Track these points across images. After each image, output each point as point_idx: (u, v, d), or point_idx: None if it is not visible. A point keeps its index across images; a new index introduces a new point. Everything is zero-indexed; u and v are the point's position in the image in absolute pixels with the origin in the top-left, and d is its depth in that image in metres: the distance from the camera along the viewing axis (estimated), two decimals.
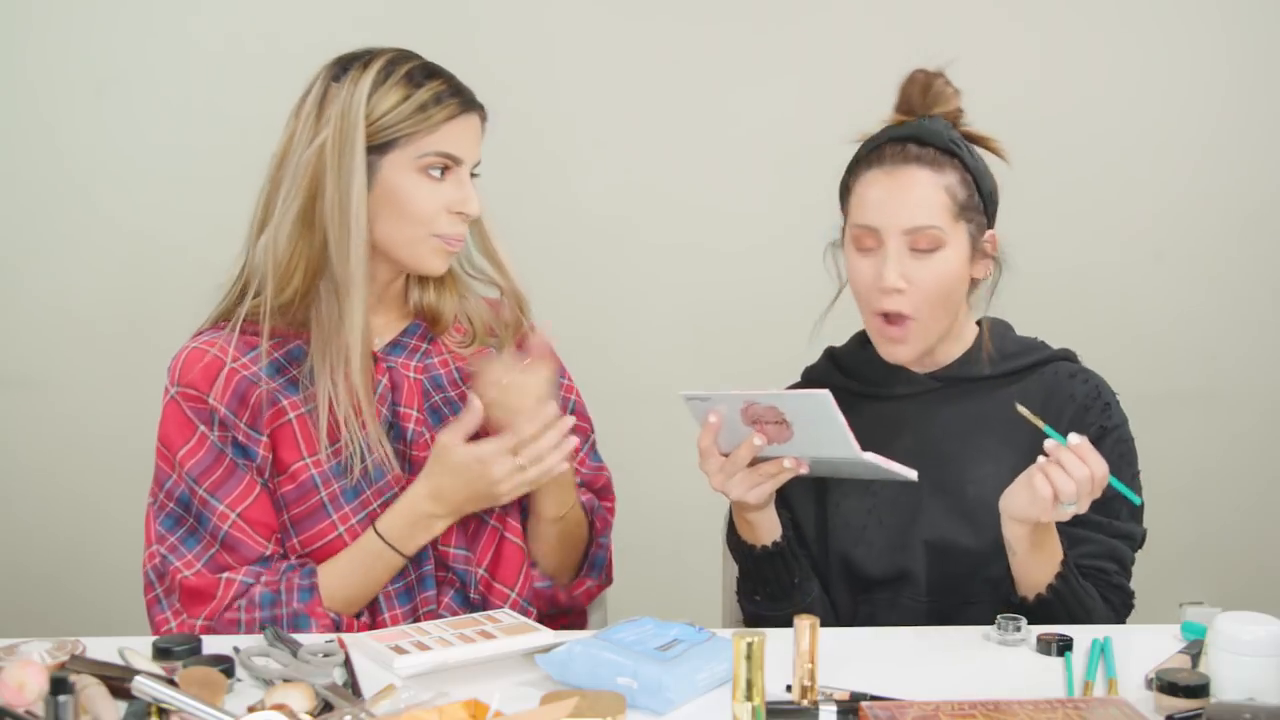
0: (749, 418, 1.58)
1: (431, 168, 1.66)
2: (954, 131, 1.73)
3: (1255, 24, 3.01)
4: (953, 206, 1.69)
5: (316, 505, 1.66)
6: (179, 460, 1.65)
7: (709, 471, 1.64)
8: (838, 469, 1.64)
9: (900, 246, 1.68)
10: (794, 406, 1.56)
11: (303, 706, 1.29)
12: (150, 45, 2.91)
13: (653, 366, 2.97)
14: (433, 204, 1.66)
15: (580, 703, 1.23)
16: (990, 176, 1.75)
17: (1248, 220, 3.05)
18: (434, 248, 1.68)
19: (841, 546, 1.78)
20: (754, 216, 2.97)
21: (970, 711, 1.28)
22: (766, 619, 1.72)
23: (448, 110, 1.66)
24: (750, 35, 2.95)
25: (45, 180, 2.94)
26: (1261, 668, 1.33)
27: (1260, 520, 3.10)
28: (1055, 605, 1.63)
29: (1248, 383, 3.08)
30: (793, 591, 1.72)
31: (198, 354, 1.68)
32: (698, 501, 1.88)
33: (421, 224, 1.66)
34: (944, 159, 1.70)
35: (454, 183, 1.67)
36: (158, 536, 1.66)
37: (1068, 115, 2.98)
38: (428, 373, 1.75)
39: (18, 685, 1.22)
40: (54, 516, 2.95)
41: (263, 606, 1.62)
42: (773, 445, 1.59)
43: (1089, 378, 1.77)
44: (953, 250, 1.69)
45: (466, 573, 1.71)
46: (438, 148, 1.65)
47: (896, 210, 1.68)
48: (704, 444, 1.63)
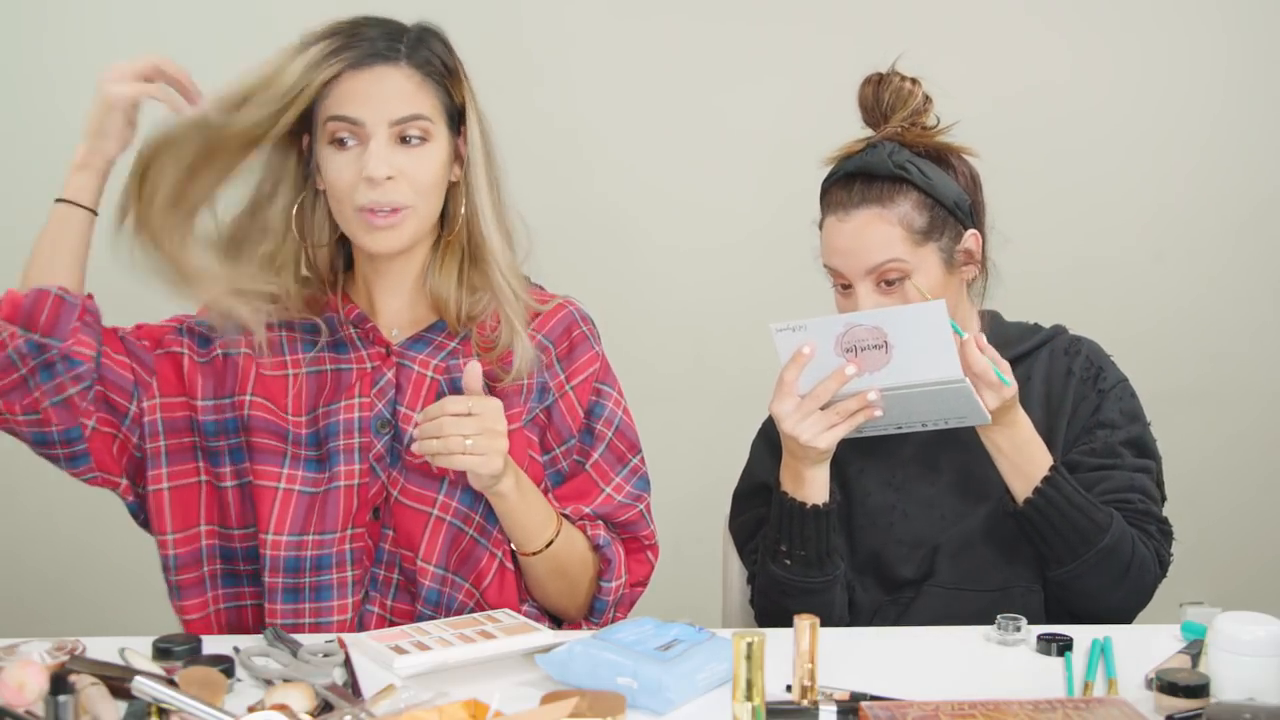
0: (844, 345, 1.57)
1: (335, 135, 1.57)
2: (901, 153, 1.72)
3: (1255, 24, 3.01)
4: (909, 235, 1.70)
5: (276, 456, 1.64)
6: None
7: (783, 412, 1.62)
8: (913, 410, 1.62)
9: (868, 286, 1.71)
10: (904, 322, 1.55)
11: (303, 706, 1.29)
12: (150, 45, 2.90)
13: (653, 365, 2.97)
14: (344, 177, 1.57)
15: (580, 703, 1.23)
16: (952, 184, 1.73)
17: (1247, 220, 3.05)
18: (361, 224, 1.59)
19: (870, 544, 1.78)
20: (755, 215, 2.97)
21: (970, 711, 1.28)
22: (788, 586, 1.70)
23: (328, 68, 1.54)
24: (750, 34, 2.96)
25: (45, 180, 2.93)
26: (1261, 668, 1.33)
27: (1260, 520, 3.10)
28: (1049, 510, 1.65)
29: (1247, 382, 3.09)
30: (825, 560, 1.70)
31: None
32: (698, 501, 1.88)
33: (344, 199, 1.58)
34: (892, 189, 1.70)
35: (360, 150, 1.57)
36: None
37: (1067, 115, 2.98)
38: (449, 373, 1.66)
39: (18, 685, 1.22)
40: (54, 516, 2.94)
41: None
42: (863, 377, 1.58)
43: (1080, 347, 1.80)
44: (922, 276, 1.70)
45: (439, 593, 1.63)
46: (332, 111, 1.56)
47: (856, 256, 1.71)
48: (787, 377, 1.61)
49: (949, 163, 1.76)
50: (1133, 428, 1.76)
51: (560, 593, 1.68)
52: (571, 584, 1.68)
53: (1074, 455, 1.74)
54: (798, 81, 2.95)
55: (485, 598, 1.65)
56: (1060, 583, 1.69)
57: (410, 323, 1.70)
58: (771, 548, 1.73)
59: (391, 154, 1.57)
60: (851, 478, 1.79)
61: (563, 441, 1.71)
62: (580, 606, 1.70)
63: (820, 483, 1.69)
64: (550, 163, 2.89)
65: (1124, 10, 2.99)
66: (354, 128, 1.57)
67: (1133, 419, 1.77)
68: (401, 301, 1.70)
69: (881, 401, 1.60)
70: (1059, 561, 1.67)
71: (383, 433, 1.65)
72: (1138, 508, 1.72)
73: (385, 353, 1.68)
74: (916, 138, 1.74)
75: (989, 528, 1.74)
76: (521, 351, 1.65)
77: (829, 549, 1.70)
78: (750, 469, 1.87)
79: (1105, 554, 1.66)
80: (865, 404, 1.60)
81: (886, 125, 1.74)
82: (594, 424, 1.72)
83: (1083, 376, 1.77)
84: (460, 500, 1.63)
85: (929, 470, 1.78)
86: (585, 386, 1.71)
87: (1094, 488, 1.70)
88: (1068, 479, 1.67)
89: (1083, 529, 1.65)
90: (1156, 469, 1.77)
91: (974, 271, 1.78)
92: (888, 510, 1.78)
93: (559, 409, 1.70)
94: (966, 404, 1.60)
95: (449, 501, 1.63)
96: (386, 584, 1.65)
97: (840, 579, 1.73)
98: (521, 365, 1.65)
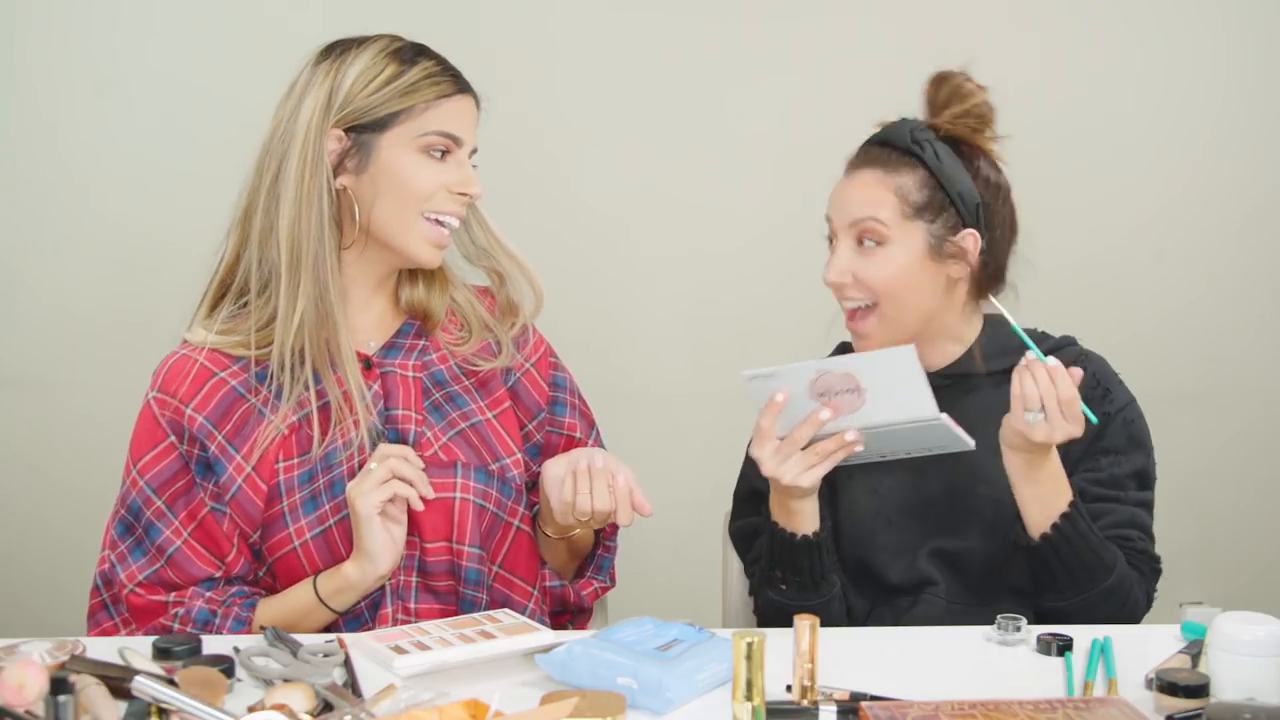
0: (817, 390, 1.57)
1: (433, 148, 1.65)
2: (925, 133, 1.74)
3: (1255, 24, 3.01)
4: (901, 206, 1.71)
5: (277, 514, 1.64)
6: (140, 467, 1.65)
7: (763, 456, 1.62)
8: (895, 443, 1.62)
9: (849, 243, 1.74)
10: (874, 367, 1.55)
11: (303, 706, 1.29)
12: (150, 44, 2.91)
13: (651, 367, 2.98)
14: (433, 182, 1.65)
15: (580, 703, 1.23)
16: (965, 178, 1.73)
17: (1247, 219, 3.05)
18: (425, 234, 1.66)
19: (855, 551, 1.77)
20: (754, 217, 2.97)
21: (970, 711, 1.28)
22: (786, 608, 1.71)
23: (441, 88, 1.65)
24: (749, 34, 2.95)
25: (45, 180, 2.93)
26: (1261, 668, 1.33)
27: (1260, 520, 3.10)
28: (1063, 546, 1.63)
29: (1247, 382, 3.08)
30: (821, 583, 1.72)
31: (184, 361, 1.67)
32: (698, 501, 1.88)
33: (419, 201, 1.64)
34: (900, 160, 1.73)
35: (454, 164, 1.67)
36: (110, 542, 1.67)
37: (1066, 114, 2.98)
38: (427, 370, 1.73)
39: (18, 685, 1.22)
40: (54, 516, 2.94)
41: (196, 623, 1.61)
42: (837, 419, 1.58)
43: (1088, 364, 1.76)
44: (900, 248, 1.71)
45: (479, 572, 1.68)
46: (437, 126, 1.65)
47: (844, 209, 1.74)
48: (764, 424, 1.61)
49: (973, 161, 1.76)
50: (1137, 456, 1.74)
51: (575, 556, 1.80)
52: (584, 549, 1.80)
53: (1078, 481, 1.71)
54: (798, 83, 2.94)
55: (506, 566, 1.70)
56: (1053, 606, 1.68)
57: (380, 331, 1.74)
58: (767, 574, 1.76)
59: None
60: (839, 484, 1.78)
61: (533, 416, 1.78)
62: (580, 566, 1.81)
63: (809, 514, 1.70)
64: (550, 163, 2.90)
65: (1124, 10, 2.99)
66: (452, 144, 1.66)
67: (1138, 445, 1.75)
68: (375, 313, 1.74)
69: (861, 438, 1.60)
70: (1060, 593, 1.66)
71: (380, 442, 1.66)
72: (1136, 546, 1.71)
73: (366, 366, 1.70)
74: (960, 133, 1.75)
75: (980, 541, 1.73)
76: (505, 340, 1.77)
77: (823, 574, 1.72)
78: (745, 472, 1.87)
79: (1107, 593, 1.65)
80: (843, 444, 1.60)
81: (938, 118, 1.76)
82: (559, 394, 1.82)
83: (1087, 395, 1.71)
84: (476, 479, 1.68)
85: (916, 478, 1.76)
86: (544, 362, 1.82)
87: (1098, 520, 1.69)
88: (1083, 515, 1.65)
89: (1091, 567, 1.65)
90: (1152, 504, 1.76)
91: (963, 271, 1.76)
92: (872, 517, 1.77)
93: (523, 385, 1.78)
94: (947, 436, 1.61)
95: (467, 483, 1.67)
96: (406, 588, 1.66)
97: (836, 594, 1.74)
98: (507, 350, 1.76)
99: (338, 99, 1.63)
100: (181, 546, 1.63)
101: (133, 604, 1.64)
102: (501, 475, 1.71)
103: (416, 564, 1.66)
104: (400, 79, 1.64)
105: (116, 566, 1.65)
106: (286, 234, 1.62)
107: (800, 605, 1.70)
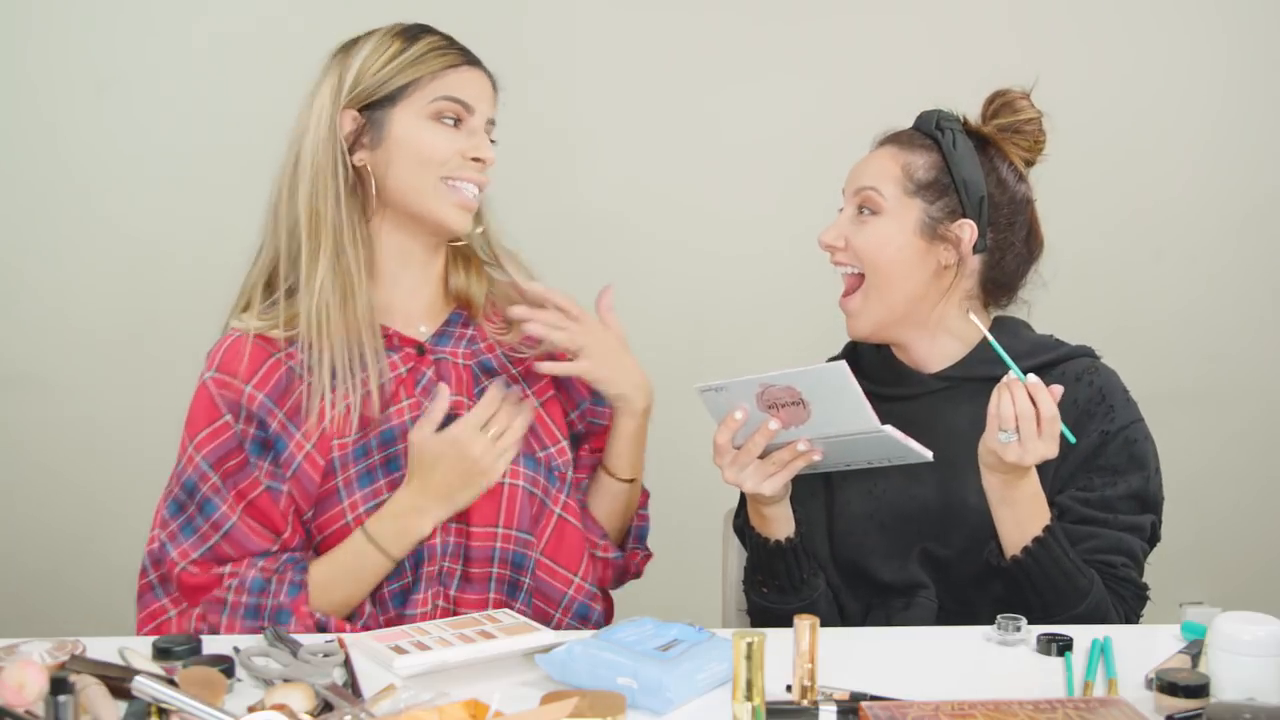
0: (765, 402, 1.58)
1: (444, 115, 1.68)
2: (952, 122, 1.78)
3: (1255, 24, 3.01)
4: (904, 180, 1.75)
5: (331, 490, 1.66)
6: (196, 444, 1.65)
7: (722, 466, 1.64)
8: (854, 453, 1.63)
9: (851, 210, 1.78)
10: (810, 382, 1.56)
11: (303, 706, 1.29)
12: (151, 45, 2.92)
13: (652, 365, 2.96)
14: (447, 148, 1.67)
15: (580, 703, 1.23)
16: (976, 170, 1.75)
17: (1247, 219, 3.05)
18: (447, 197, 1.68)
19: (848, 552, 1.77)
20: (755, 216, 2.97)
21: (970, 711, 1.28)
22: (772, 611, 1.73)
23: (448, 59, 1.69)
24: (752, 36, 2.96)
25: (45, 180, 2.94)
26: (1261, 668, 1.33)
27: (1260, 520, 3.10)
28: (1034, 570, 1.62)
29: (1247, 382, 3.09)
30: (801, 586, 1.73)
31: (241, 342, 1.68)
32: (698, 500, 1.88)
33: (434, 167, 1.67)
34: (917, 140, 1.78)
35: (467, 132, 1.69)
36: (161, 521, 1.67)
37: (1066, 114, 2.96)
38: (476, 358, 1.76)
39: (18, 685, 1.22)
40: (54, 516, 2.95)
41: (251, 591, 1.61)
42: (789, 429, 1.59)
43: (1095, 379, 1.74)
44: (892, 220, 1.74)
45: (524, 557, 1.69)
46: (446, 92, 1.68)
47: (855, 176, 1.80)
48: (720, 440, 1.63)
49: (995, 163, 1.77)
50: (1136, 477, 1.70)
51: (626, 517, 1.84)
52: (631, 511, 1.85)
53: (1065, 499, 1.69)
54: (802, 84, 2.95)
55: (547, 554, 1.72)
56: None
57: (431, 318, 1.76)
58: (750, 578, 1.79)
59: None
60: (835, 485, 1.79)
61: (576, 406, 1.84)
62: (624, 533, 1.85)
63: (782, 519, 1.71)
64: (549, 163, 2.89)
65: (1124, 10, 2.99)
66: (463, 111, 1.69)
67: (1139, 466, 1.71)
68: (424, 301, 1.76)
69: (815, 448, 1.61)
70: (1030, 611, 1.63)
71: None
72: (1119, 573, 1.68)
73: (418, 352, 1.73)
74: (996, 138, 1.79)
75: (965, 550, 1.72)
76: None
77: (802, 577, 1.73)
78: None
79: (1077, 619, 1.62)
80: (797, 454, 1.61)
81: (984, 125, 1.81)
82: None
83: (1088, 410, 1.70)
84: (525, 466, 1.71)
85: (912, 482, 1.75)
86: None
87: (1080, 543, 1.67)
88: (1059, 540, 1.63)
89: (1063, 591, 1.63)
90: (1155, 520, 1.72)
91: (953, 258, 1.75)
92: (866, 518, 1.77)
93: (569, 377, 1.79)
94: (899, 448, 1.60)
95: (517, 469, 1.69)
96: (449, 575, 1.68)
97: (822, 594, 1.74)
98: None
99: (348, 81, 1.67)
100: (237, 522, 1.64)
101: (185, 581, 1.63)
102: (548, 463, 1.74)
103: (462, 551, 1.68)
104: (406, 53, 1.68)
105: (167, 545, 1.65)
106: (305, 205, 1.66)
107: (782, 608, 1.72)
